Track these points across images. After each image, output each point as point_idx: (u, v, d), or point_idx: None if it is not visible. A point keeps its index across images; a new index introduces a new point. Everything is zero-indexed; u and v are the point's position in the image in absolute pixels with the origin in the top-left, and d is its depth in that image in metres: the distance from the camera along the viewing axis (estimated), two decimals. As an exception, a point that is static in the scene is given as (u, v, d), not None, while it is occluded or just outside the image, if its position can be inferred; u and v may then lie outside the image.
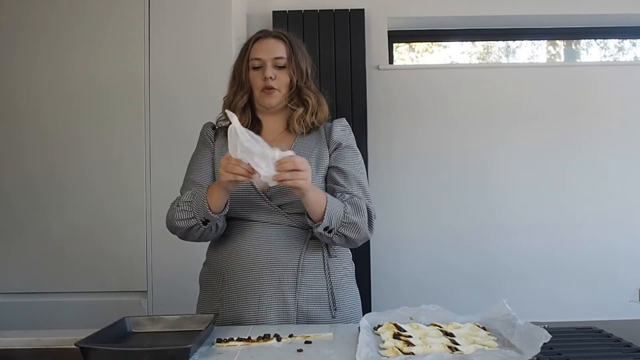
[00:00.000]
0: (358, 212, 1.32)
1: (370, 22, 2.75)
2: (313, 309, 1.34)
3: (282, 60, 1.40)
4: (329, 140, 1.43)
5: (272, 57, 1.39)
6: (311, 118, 1.42)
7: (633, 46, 3.11)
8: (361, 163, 1.45)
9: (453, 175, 2.72)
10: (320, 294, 1.35)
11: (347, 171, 1.39)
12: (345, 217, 1.30)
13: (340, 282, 1.39)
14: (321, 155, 1.41)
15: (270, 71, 1.38)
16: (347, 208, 1.31)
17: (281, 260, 1.32)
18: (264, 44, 1.41)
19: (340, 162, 1.41)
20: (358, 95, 2.64)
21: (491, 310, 1.16)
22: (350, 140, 1.46)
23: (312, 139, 1.44)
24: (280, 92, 1.41)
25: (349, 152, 1.43)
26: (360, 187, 1.39)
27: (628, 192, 2.70)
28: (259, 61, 1.40)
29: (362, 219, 1.32)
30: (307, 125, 1.42)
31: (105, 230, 2.26)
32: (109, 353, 0.98)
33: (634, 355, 0.98)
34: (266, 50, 1.40)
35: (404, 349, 0.98)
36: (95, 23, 2.31)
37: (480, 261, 2.68)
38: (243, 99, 1.43)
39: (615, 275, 2.63)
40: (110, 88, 2.30)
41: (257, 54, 1.40)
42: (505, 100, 2.74)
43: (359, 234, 1.33)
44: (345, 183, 1.38)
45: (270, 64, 1.39)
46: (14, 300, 2.26)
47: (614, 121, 2.73)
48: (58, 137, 2.29)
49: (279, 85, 1.40)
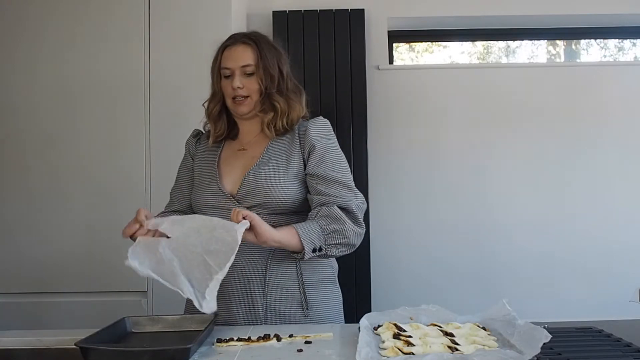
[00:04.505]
0: (334, 219, 1.32)
1: (370, 22, 2.75)
2: (283, 308, 1.36)
3: (250, 68, 1.39)
4: (304, 142, 1.42)
5: (239, 65, 1.39)
6: (281, 122, 1.42)
7: (633, 46, 3.11)
8: (339, 160, 1.42)
9: (453, 174, 2.72)
10: (292, 292, 1.36)
11: (325, 175, 1.38)
12: (324, 230, 1.31)
13: (314, 281, 1.40)
14: (291, 158, 1.40)
15: (238, 81, 1.39)
16: (320, 222, 1.31)
17: (250, 260, 1.35)
18: (232, 51, 1.41)
19: (317, 167, 1.39)
20: (358, 95, 2.64)
21: (491, 310, 1.16)
22: (325, 140, 1.43)
23: (285, 142, 1.43)
24: (252, 99, 1.41)
25: (325, 154, 1.40)
26: (342, 186, 1.38)
27: (628, 192, 2.70)
28: (228, 70, 1.40)
29: (342, 222, 1.32)
30: (279, 130, 1.42)
31: (105, 230, 2.25)
32: (109, 353, 0.98)
33: (634, 355, 0.98)
34: (234, 58, 1.40)
35: (404, 349, 0.98)
36: (95, 23, 2.31)
37: (481, 261, 2.68)
38: (217, 106, 1.46)
39: (615, 275, 2.63)
40: (111, 88, 2.29)
41: (226, 63, 1.41)
42: (505, 100, 2.74)
43: (347, 237, 1.33)
44: (326, 189, 1.36)
45: (238, 73, 1.39)
46: (14, 300, 2.26)
47: (614, 121, 2.73)
48: (58, 136, 2.29)
49: (249, 93, 1.40)
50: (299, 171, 1.40)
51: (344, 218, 1.33)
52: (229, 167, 1.44)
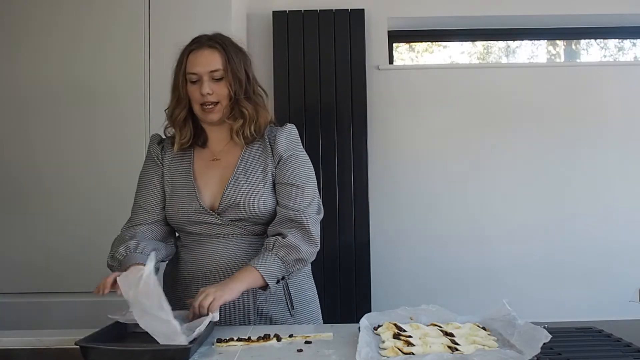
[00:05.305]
0: (291, 248, 1.30)
1: (370, 22, 2.74)
2: (273, 311, 1.37)
3: (218, 73, 1.35)
4: (273, 151, 1.39)
5: (207, 70, 1.34)
6: (249, 129, 1.38)
7: (633, 46, 3.11)
8: (302, 168, 1.40)
9: (453, 174, 2.72)
10: (278, 294, 1.36)
11: (287, 183, 1.37)
12: (285, 262, 1.29)
13: (295, 281, 1.40)
14: (267, 167, 1.38)
15: (207, 87, 1.34)
16: (279, 253, 1.29)
17: (239, 267, 1.32)
18: (199, 56, 1.35)
19: (281, 176, 1.38)
20: (358, 95, 2.64)
21: (491, 310, 1.16)
22: (292, 149, 1.41)
23: (258, 150, 1.41)
24: (222, 105, 1.36)
25: (290, 162, 1.39)
26: (300, 198, 1.36)
27: (628, 192, 2.70)
28: (195, 75, 1.35)
29: (297, 249, 1.30)
30: (247, 137, 1.39)
31: (106, 230, 2.24)
32: (110, 352, 0.98)
33: (634, 355, 0.98)
34: (201, 63, 1.35)
35: (404, 349, 0.98)
36: (95, 23, 2.31)
37: (480, 261, 2.68)
38: (182, 112, 1.39)
39: (615, 275, 2.63)
40: (110, 88, 2.29)
41: (192, 68, 1.35)
42: (505, 100, 2.74)
43: (305, 260, 1.34)
44: (287, 201, 1.36)
45: (206, 78, 1.34)
46: (14, 300, 2.25)
47: (614, 121, 2.72)
48: (58, 137, 2.29)
49: (218, 98, 1.36)
50: (273, 181, 1.39)
51: (298, 245, 1.31)
52: (204, 178, 1.39)
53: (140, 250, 1.31)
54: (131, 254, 1.30)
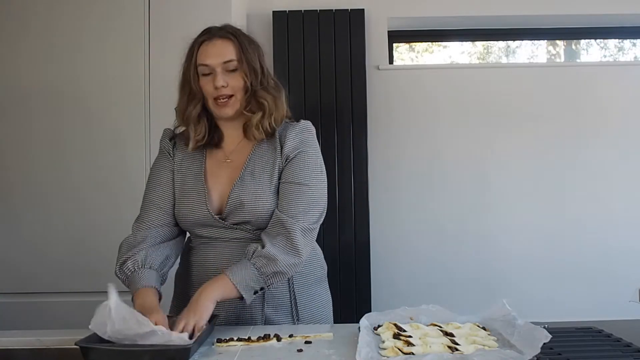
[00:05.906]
0: (268, 259, 1.21)
1: (370, 22, 2.75)
2: (279, 318, 1.33)
3: (232, 64, 1.28)
4: (282, 150, 1.33)
5: (221, 61, 1.28)
6: (268, 121, 1.32)
7: (633, 46, 3.11)
8: (308, 166, 1.32)
9: (453, 175, 2.72)
10: (283, 302, 1.34)
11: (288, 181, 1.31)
12: (262, 272, 1.21)
13: (304, 286, 1.37)
14: (275, 167, 1.32)
15: (221, 79, 1.27)
16: (257, 263, 1.21)
17: None
18: (211, 47, 1.29)
19: (284, 175, 1.32)
20: (358, 95, 2.64)
21: (491, 310, 1.16)
22: (300, 147, 1.33)
23: (267, 149, 1.34)
24: (237, 98, 1.30)
25: (295, 160, 1.32)
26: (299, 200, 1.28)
27: (628, 192, 2.70)
28: (207, 67, 1.28)
29: (274, 261, 1.21)
30: (267, 130, 1.32)
31: (106, 230, 2.25)
32: (110, 352, 0.98)
33: (634, 355, 0.98)
34: (214, 54, 1.28)
35: (404, 349, 0.98)
36: (95, 23, 2.31)
37: (480, 261, 2.68)
38: (196, 108, 1.32)
39: (615, 276, 2.63)
40: (110, 88, 2.29)
41: (204, 60, 1.28)
42: (505, 100, 2.74)
43: (283, 274, 1.24)
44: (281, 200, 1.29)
45: (220, 70, 1.28)
46: (14, 300, 2.25)
47: (614, 121, 2.73)
48: (57, 137, 2.29)
49: (233, 91, 1.29)
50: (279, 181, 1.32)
51: (276, 256, 1.21)
52: (214, 179, 1.34)
53: (148, 264, 1.27)
54: (138, 271, 1.25)
